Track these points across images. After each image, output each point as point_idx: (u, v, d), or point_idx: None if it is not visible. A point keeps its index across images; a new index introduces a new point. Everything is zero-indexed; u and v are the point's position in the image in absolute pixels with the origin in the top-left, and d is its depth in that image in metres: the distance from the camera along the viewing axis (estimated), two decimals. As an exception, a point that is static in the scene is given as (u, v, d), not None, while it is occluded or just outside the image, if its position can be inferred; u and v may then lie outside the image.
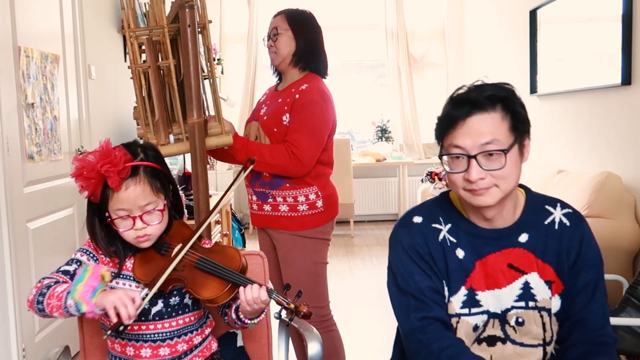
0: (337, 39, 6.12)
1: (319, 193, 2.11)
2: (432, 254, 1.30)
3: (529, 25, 4.21)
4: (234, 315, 1.41)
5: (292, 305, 1.32)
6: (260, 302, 1.33)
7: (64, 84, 3.01)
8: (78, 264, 1.39)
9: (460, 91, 1.26)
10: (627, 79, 3.01)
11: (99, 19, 3.53)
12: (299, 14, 2.18)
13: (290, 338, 1.64)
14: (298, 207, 2.09)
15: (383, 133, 6.20)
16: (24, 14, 2.61)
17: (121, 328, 1.25)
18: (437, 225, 1.33)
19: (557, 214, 1.33)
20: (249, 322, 1.39)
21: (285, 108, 2.07)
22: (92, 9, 3.40)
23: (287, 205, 2.10)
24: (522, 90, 4.88)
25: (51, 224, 2.81)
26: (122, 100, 3.82)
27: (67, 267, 1.38)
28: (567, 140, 3.77)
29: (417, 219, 1.34)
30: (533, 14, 4.17)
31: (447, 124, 1.23)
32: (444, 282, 1.30)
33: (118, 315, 1.22)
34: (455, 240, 1.31)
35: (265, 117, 2.12)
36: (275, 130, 2.08)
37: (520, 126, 1.24)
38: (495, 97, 1.21)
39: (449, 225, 1.33)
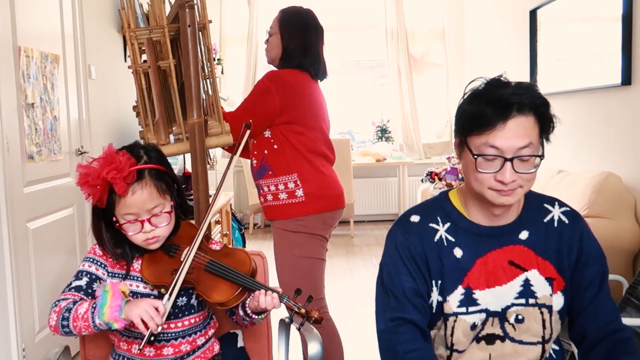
0: (337, 39, 6.11)
1: (298, 182, 2.10)
2: (426, 254, 1.31)
3: (529, 25, 4.21)
4: (241, 312, 1.42)
5: (302, 311, 1.32)
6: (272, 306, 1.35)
7: (64, 84, 3.01)
8: (88, 276, 1.38)
9: (497, 90, 1.23)
10: (627, 79, 3.01)
11: (99, 19, 3.53)
12: (291, 13, 2.15)
13: (290, 339, 1.63)
14: (279, 196, 2.12)
15: (383, 133, 6.20)
16: (24, 14, 2.61)
17: (152, 338, 1.27)
18: (434, 225, 1.33)
19: (556, 212, 1.35)
20: (256, 317, 1.40)
21: None
22: (92, 9, 3.40)
23: (271, 195, 2.14)
24: (522, 90, 4.67)
25: (51, 224, 2.81)
26: (122, 100, 3.82)
27: (78, 282, 1.36)
28: (567, 140, 3.76)
29: (415, 218, 1.35)
30: (533, 14, 4.16)
31: (482, 123, 1.21)
32: (435, 282, 1.31)
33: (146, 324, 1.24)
34: (453, 240, 1.32)
35: None
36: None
37: (546, 129, 1.26)
38: (534, 104, 1.23)
39: (447, 225, 1.33)
